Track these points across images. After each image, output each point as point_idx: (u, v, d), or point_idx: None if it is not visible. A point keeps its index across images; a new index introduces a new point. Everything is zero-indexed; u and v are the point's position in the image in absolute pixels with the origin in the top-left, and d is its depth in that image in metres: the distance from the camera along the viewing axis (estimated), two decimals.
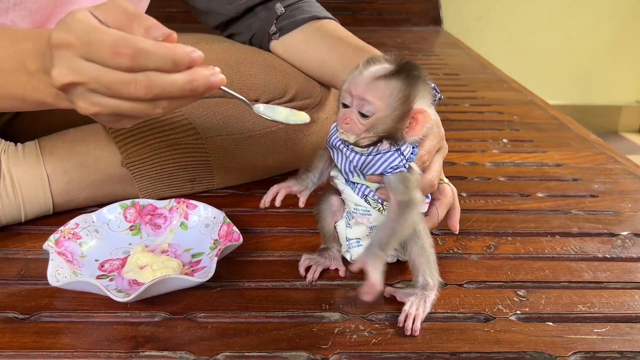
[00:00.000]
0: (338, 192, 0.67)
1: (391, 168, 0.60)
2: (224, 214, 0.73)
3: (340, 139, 0.61)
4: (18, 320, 0.59)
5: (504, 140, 1.18)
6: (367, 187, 0.62)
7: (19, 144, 0.78)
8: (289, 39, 0.92)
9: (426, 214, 0.66)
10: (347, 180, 0.64)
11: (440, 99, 0.68)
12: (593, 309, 0.64)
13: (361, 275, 0.68)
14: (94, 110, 0.52)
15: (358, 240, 0.66)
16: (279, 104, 0.89)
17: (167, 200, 0.77)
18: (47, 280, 0.60)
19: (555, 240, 0.79)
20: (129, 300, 0.58)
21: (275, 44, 0.93)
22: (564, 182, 0.98)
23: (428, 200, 0.66)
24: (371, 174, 0.61)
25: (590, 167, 1.05)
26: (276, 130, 0.89)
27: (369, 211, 0.64)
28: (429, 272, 0.61)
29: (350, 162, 0.61)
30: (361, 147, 0.59)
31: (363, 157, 0.60)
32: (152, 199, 0.80)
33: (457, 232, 0.72)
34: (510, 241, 0.78)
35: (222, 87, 0.54)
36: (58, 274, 0.61)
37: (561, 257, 0.75)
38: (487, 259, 0.74)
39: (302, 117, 0.63)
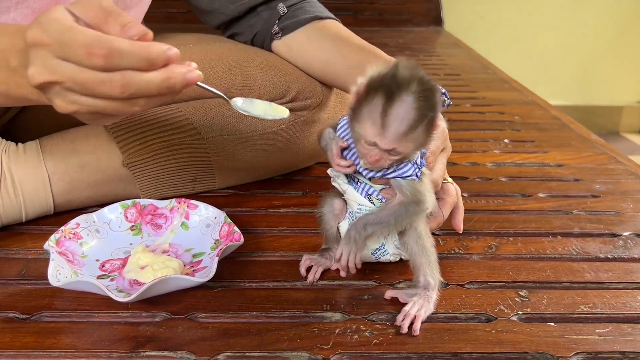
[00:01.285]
0: (340, 194, 0.67)
1: (401, 177, 0.60)
2: (225, 214, 0.73)
3: (352, 153, 0.61)
4: (19, 320, 0.59)
5: (505, 141, 1.18)
6: (371, 186, 0.62)
7: (19, 144, 0.78)
8: (291, 39, 0.91)
9: (430, 214, 0.66)
10: (349, 180, 0.64)
11: (449, 105, 0.68)
12: (595, 310, 0.64)
13: (363, 275, 0.68)
14: (72, 109, 0.52)
15: None
16: (280, 104, 0.89)
17: (168, 200, 0.77)
18: (47, 280, 0.60)
19: (556, 240, 0.79)
20: (129, 300, 0.58)
21: (277, 44, 0.93)
22: (565, 183, 0.98)
23: None
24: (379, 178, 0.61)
25: (591, 167, 1.05)
26: (277, 130, 0.88)
27: (371, 210, 0.63)
28: (430, 272, 0.61)
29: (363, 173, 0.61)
30: None
31: (374, 172, 0.60)
32: (153, 199, 0.80)
33: (461, 232, 0.72)
34: (512, 241, 0.78)
35: (199, 83, 0.54)
36: (59, 273, 0.61)
37: (563, 258, 0.74)
38: (489, 259, 0.74)
39: (281, 112, 0.62)
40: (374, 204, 0.63)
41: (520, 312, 0.63)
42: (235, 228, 0.70)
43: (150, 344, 0.56)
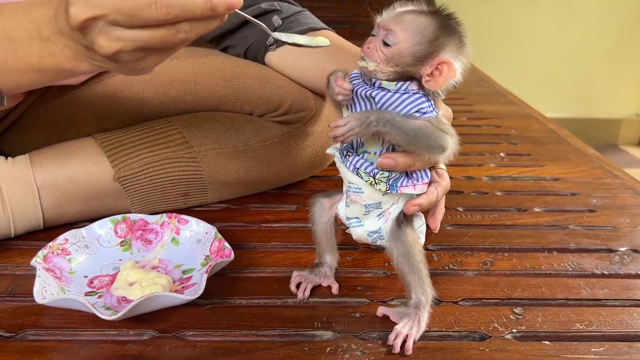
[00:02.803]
0: (327, 196, 0.66)
1: (418, 112, 0.57)
2: (216, 230, 0.72)
3: (362, 85, 0.59)
4: (3, 339, 0.58)
5: (501, 154, 1.17)
6: (360, 159, 0.60)
7: (9, 158, 0.77)
8: (285, 50, 0.91)
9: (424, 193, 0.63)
10: (342, 157, 0.62)
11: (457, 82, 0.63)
12: (591, 328, 0.63)
13: (355, 292, 0.67)
14: (116, 47, 0.51)
15: (357, 219, 0.64)
16: (273, 117, 0.89)
17: (159, 215, 0.76)
18: (34, 297, 0.59)
19: (552, 256, 0.78)
20: (115, 318, 0.57)
21: (271, 56, 0.92)
22: (561, 197, 0.97)
23: (427, 181, 0.62)
24: None
25: (588, 181, 1.04)
26: (271, 143, 0.88)
27: (360, 188, 0.61)
28: (420, 289, 0.59)
29: (373, 104, 0.58)
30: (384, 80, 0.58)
31: (389, 94, 0.57)
32: (145, 213, 0.79)
33: (436, 231, 0.69)
34: (507, 257, 0.77)
35: (238, 11, 0.53)
36: (45, 290, 0.60)
37: (558, 274, 0.73)
38: (483, 275, 0.73)
39: (323, 42, 0.61)
40: (361, 177, 0.60)
41: (514, 330, 0.62)
42: (226, 244, 0.69)
43: None
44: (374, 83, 0.58)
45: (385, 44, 0.57)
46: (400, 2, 0.59)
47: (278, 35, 0.61)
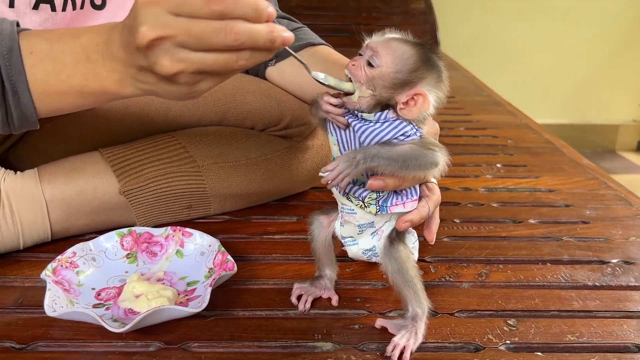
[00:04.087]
0: (325, 213, 0.68)
1: (402, 135, 0.59)
2: (219, 243, 0.74)
3: (346, 114, 0.61)
4: (14, 350, 0.60)
5: (498, 165, 1.20)
6: (350, 183, 0.62)
7: (18, 172, 0.79)
8: (284, 65, 0.93)
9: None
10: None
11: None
12: (582, 339, 0.65)
13: (354, 304, 0.69)
14: (178, 68, 0.53)
15: (352, 238, 0.66)
16: (273, 131, 0.91)
17: (164, 228, 0.78)
18: (44, 309, 0.61)
19: (546, 267, 0.80)
20: (123, 331, 0.59)
21: (271, 70, 0.95)
22: (556, 208, 0.99)
23: (416, 198, 0.64)
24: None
25: (582, 192, 1.06)
26: (272, 157, 0.90)
27: (353, 210, 0.64)
28: (416, 302, 0.62)
29: (357, 137, 0.60)
30: (364, 111, 0.60)
31: (370, 125, 0.59)
32: (149, 226, 0.81)
33: (432, 243, 0.72)
34: (502, 269, 0.79)
35: (287, 48, 0.57)
36: (55, 303, 0.62)
37: (551, 285, 0.76)
38: (479, 287, 0.75)
39: (349, 87, 0.63)
40: (351, 201, 0.63)
41: (508, 342, 0.64)
42: (229, 257, 0.71)
43: None
44: (357, 115, 0.61)
45: (370, 65, 0.59)
46: (390, 29, 0.62)
47: (315, 74, 0.63)
